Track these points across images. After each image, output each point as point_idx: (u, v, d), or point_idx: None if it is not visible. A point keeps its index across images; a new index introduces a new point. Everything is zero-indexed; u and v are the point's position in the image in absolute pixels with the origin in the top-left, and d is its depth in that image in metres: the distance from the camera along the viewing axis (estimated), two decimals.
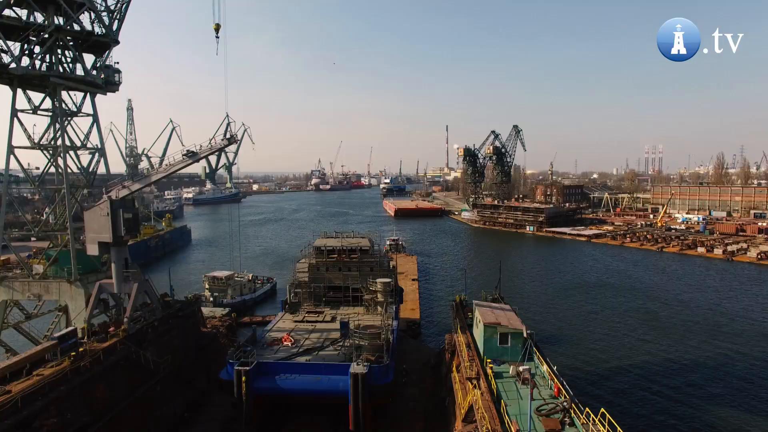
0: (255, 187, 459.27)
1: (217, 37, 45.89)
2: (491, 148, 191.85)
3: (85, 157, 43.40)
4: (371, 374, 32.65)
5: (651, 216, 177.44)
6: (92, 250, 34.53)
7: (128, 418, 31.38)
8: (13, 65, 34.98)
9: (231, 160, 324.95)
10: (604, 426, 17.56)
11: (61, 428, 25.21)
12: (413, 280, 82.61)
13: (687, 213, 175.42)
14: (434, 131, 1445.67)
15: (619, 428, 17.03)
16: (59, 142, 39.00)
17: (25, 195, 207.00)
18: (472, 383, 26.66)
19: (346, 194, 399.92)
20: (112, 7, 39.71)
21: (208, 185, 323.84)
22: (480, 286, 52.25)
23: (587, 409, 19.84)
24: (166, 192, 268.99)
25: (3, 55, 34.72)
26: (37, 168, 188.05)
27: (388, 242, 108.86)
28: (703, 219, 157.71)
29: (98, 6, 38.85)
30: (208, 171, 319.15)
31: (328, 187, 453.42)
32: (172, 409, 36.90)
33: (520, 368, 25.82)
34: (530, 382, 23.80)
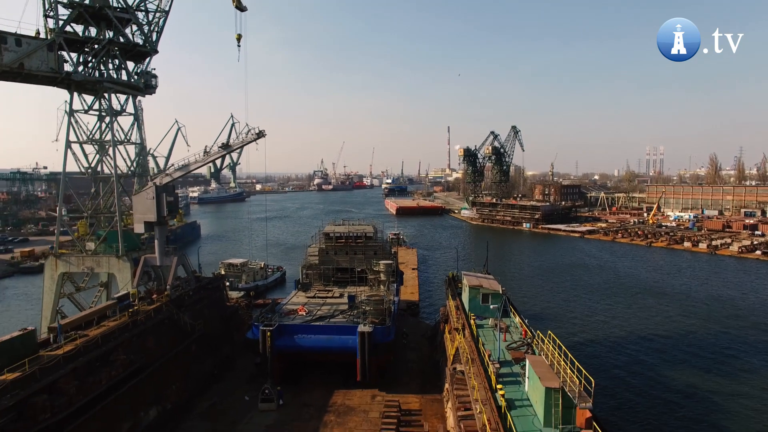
0: (258, 187, 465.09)
1: (239, 46, 52.18)
2: (490, 148, 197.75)
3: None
4: (375, 333, 38.70)
5: (645, 214, 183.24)
6: (139, 228, 40.73)
7: (171, 367, 37.53)
8: (73, 72, 41.15)
9: (235, 161, 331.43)
10: (551, 345, 23.60)
11: (128, 364, 31.41)
12: (413, 269, 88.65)
13: (680, 211, 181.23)
14: (436, 132, 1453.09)
15: (563, 346, 23.02)
16: (107, 137, 45.17)
17: (36, 193, 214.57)
18: (458, 333, 32.73)
19: (349, 194, 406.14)
20: (152, 21, 45.88)
21: (213, 185, 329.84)
22: (472, 266, 58.44)
23: (539, 332, 25.91)
24: None
25: (65, 64, 40.89)
26: (45, 167, 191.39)
27: (389, 236, 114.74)
28: (694, 217, 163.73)
29: (141, 21, 45.07)
30: (213, 171, 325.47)
31: (330, 187, 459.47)
32: (205, 367, 43.05)
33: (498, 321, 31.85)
34: (503, 328, 29.85)
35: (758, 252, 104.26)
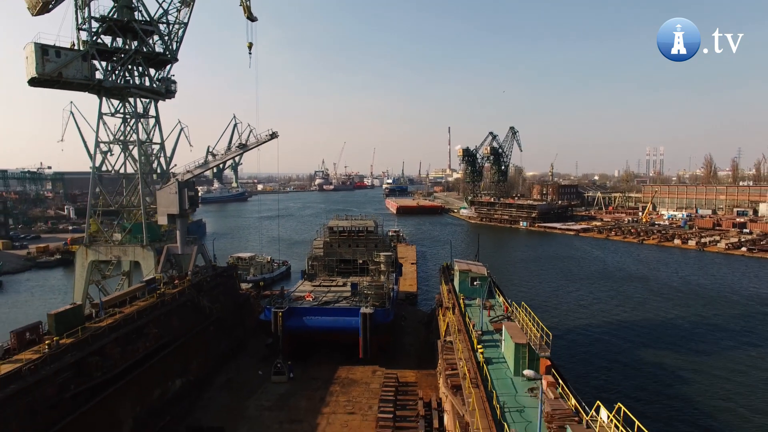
0: (260, 187, 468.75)
1: (250, 53, 56.53)
2: (489, 148, 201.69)
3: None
4: (376, 314, 43.02)
5: (640, 213, 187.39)
6: (162, 220, 45.12)
7: (193, 344, 41.87)
8: (103, 80, 45.57)
9: (237, 161, 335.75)
10: (524, 313, 27.96)
11: (159, 337, 35.79)
12: (412, 263, 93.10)
13: (675, 211, 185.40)
14: (436, 132, 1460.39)
15: (532, 312, 27.35)
16: (133, 138, 49.56)
17: (44, 192, 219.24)
18: (449, 311, 37.06)
19: (350, 194, 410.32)
20: (173, 32, 50.23)
21: (216, 184, 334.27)
22: (465, 257, 63.03)
23: (514, 302, 30.27)
24: None
25: (96, 72, 45.30)
26: (49, 167, 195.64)
27: (390, 233, 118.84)
28: (687, 215, 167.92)
29: (163, 32, 49.44)
30: (215, 171, 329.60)
31: (331, 187, 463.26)
32: (221, 347, 47.40)
33: (483, 300, 36.21)
34: (488, 306, 34.21)
35: (744, 249, 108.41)
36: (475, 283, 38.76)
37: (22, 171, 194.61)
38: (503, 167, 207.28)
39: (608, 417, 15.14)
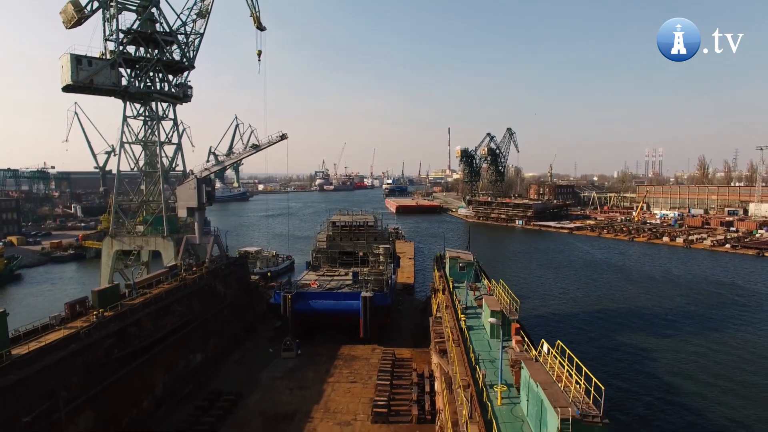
0: (261, 187, 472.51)
1: (259, 60, 61.28)
2: (486, 149, 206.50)
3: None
4: (375, 298, 47.63)
5: (634, 213, 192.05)
6: (182, 213, 49.76)
7: (210, 325, 46.49)
8: (129, 86, 50.30)
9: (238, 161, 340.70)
10: (501, 288, 32.65)
11: (183, 315, 40.46)
12: (410, 258, 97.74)
13: (668, 210, 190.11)
14: (437, 133, 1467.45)
15: (507, 287, 32.01)
16: (154, 138, 54.26)
17: (47, 192, 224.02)
18: (440, 292, 41.75)
19: (350, 194, 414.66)
20: (190, 42, 54.93)
21: (218, 184, 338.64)
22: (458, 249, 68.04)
23: (492, 280, 35.01)
24: None
25: (122, 78, 50.03)
26: (53, 167, 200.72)
27: (389, 230, 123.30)
28: (678, 215, 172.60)
29: (181, 42, 54.16)
30: (216, 171, 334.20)
31: (331, 187, 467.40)
32: (234, 329, 52.03)
33: (470, 282, 40.91)
34: (474, 287, 38.89)
35: (728, 246, 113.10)
36: (461, 266, 43.46)
37: (30, 171, 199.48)
38: (501, 167, 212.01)
39: (548, 349, 19.75)
